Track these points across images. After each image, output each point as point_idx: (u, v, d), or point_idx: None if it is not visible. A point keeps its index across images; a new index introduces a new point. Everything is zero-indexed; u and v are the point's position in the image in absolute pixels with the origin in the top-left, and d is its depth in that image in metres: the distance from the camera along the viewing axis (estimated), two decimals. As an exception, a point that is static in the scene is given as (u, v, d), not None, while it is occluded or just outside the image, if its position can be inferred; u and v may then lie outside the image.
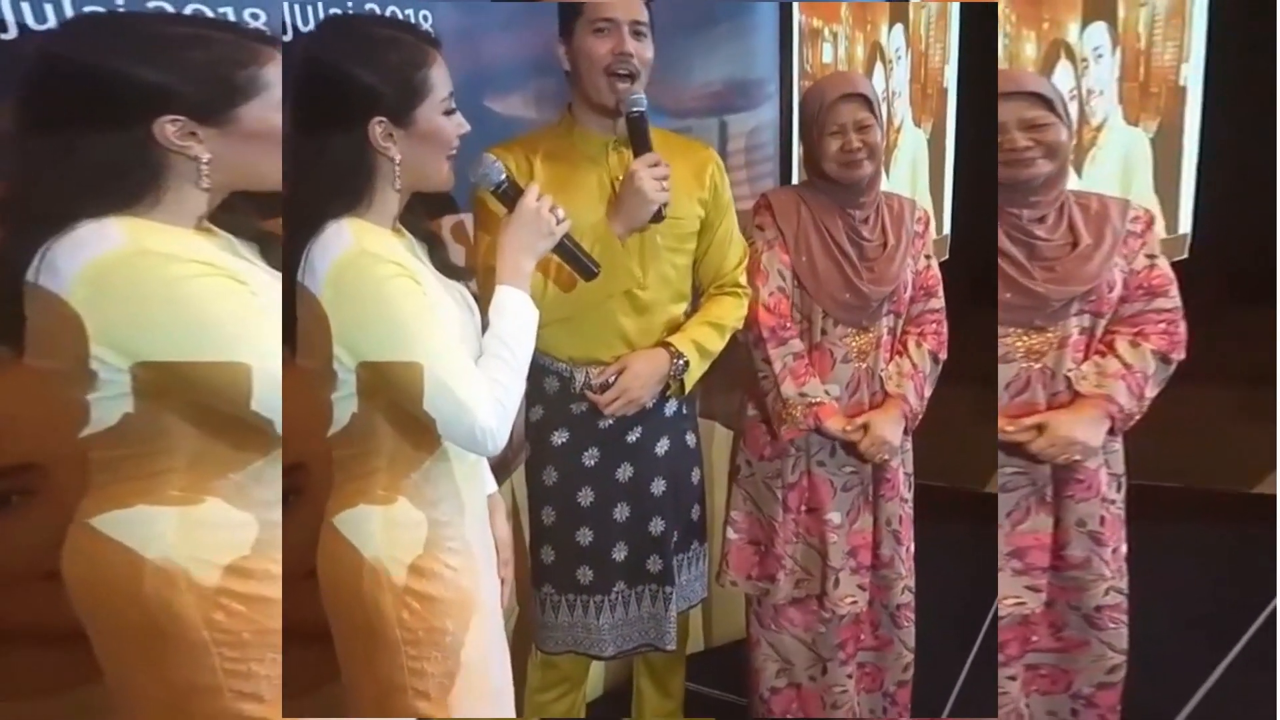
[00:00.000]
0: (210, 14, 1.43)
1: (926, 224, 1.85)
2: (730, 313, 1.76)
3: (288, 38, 1.51)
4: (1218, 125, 3.51)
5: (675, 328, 1.73)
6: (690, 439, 1.84)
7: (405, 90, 1.17)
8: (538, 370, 1.68)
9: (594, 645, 1.77)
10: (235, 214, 1.14)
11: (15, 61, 1.24)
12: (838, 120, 1.68)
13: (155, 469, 1.06)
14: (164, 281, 0.99)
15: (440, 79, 1.21)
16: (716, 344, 1.74)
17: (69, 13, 1.30)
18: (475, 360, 1.22)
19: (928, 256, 1.86)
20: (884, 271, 1.76)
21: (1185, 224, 3.68)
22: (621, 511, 1.75)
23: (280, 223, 1.17)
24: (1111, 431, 1.67)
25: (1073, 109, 3.38)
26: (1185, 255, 3.67)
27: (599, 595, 1.75)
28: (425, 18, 1.73)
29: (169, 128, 1.02)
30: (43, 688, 1.12)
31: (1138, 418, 1.67)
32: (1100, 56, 3.37)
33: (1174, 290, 1.69)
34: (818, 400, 1.74)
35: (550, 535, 1.74)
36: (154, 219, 1.04)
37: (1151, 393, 1.67)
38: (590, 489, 1.72)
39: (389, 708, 1.20)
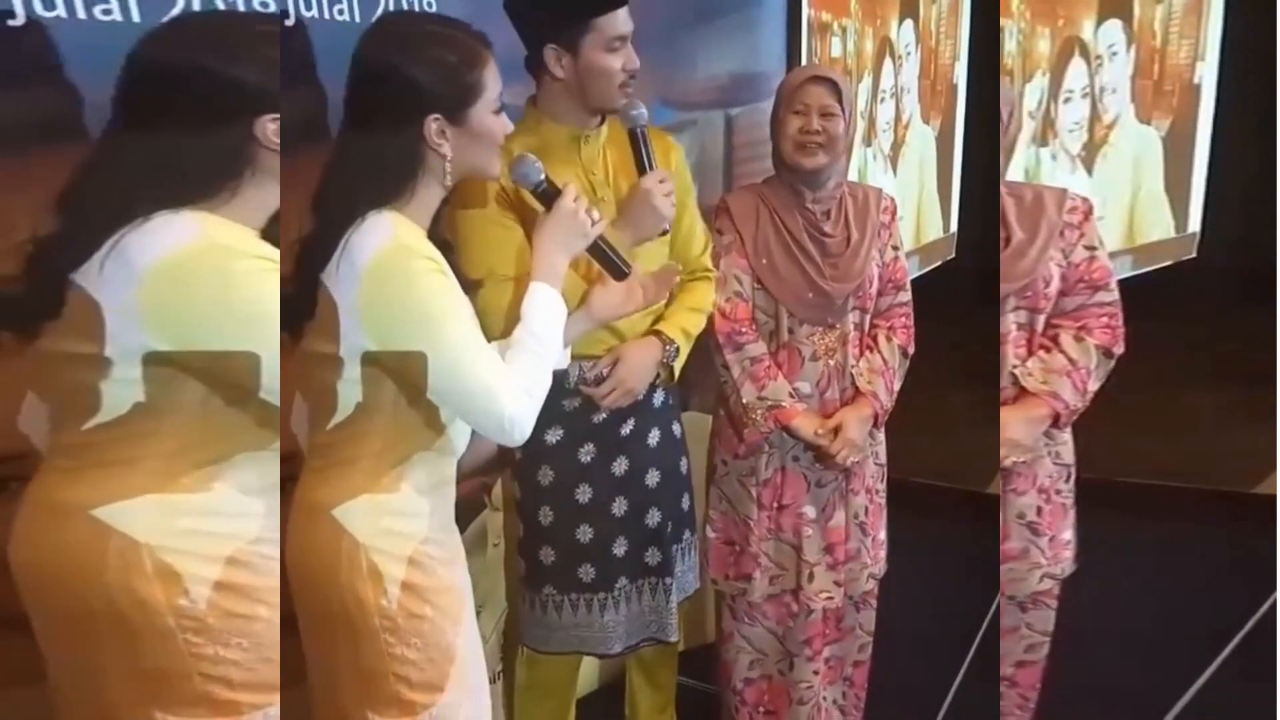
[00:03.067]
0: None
1: (893, 214, 1.84)
2: (707, 298, 1.79)
3: (290, 21, 1.50)
4: (1230, 124, 3.48)
5: (657, 315, 1.75)
6: (676, 429, 1.85)
7: (461, 89, 1.20)
8: None
9: (600, 644, 1.77)
10: None
11: (23, 48, 1.25)
12: (804, 100, 1.69)
13: (129, 456, 1.08)
14: (232, 275, 1.04)
15: (492, 79, 1.24)
16: (698, 329, 1.77)
17: (79, 2, 1.30)
18: None
19: (895, 248, 1.84)
20: (847, 268, 1.76)
21: (1194, 223, 3.66)
22: (620, 506, 1.74)
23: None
24: (1056, 426, 1.67)
25: (1085, 107, 3.37)
26: (1194, 254, 3.65)
27: (602, 593, 1.75)
28: (430, 5, 1.72)
29: (269, 126, 1.07)
30: (34, 676, 1.13)
31: (1080, 411, 1.68)
32: (1115, 54, 3.35)
33: (1114, 283, 1.69)
34: (778, 403, 1.74)
35: (549, 535, 1.73)
36: (224, 214, 1.08)
37: (1093, 387, 1.67)
38: (588, 485, 1.72)
39: (370, 694, 1.20)
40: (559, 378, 1.66)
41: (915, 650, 2.00)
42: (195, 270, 1.03)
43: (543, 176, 1.39)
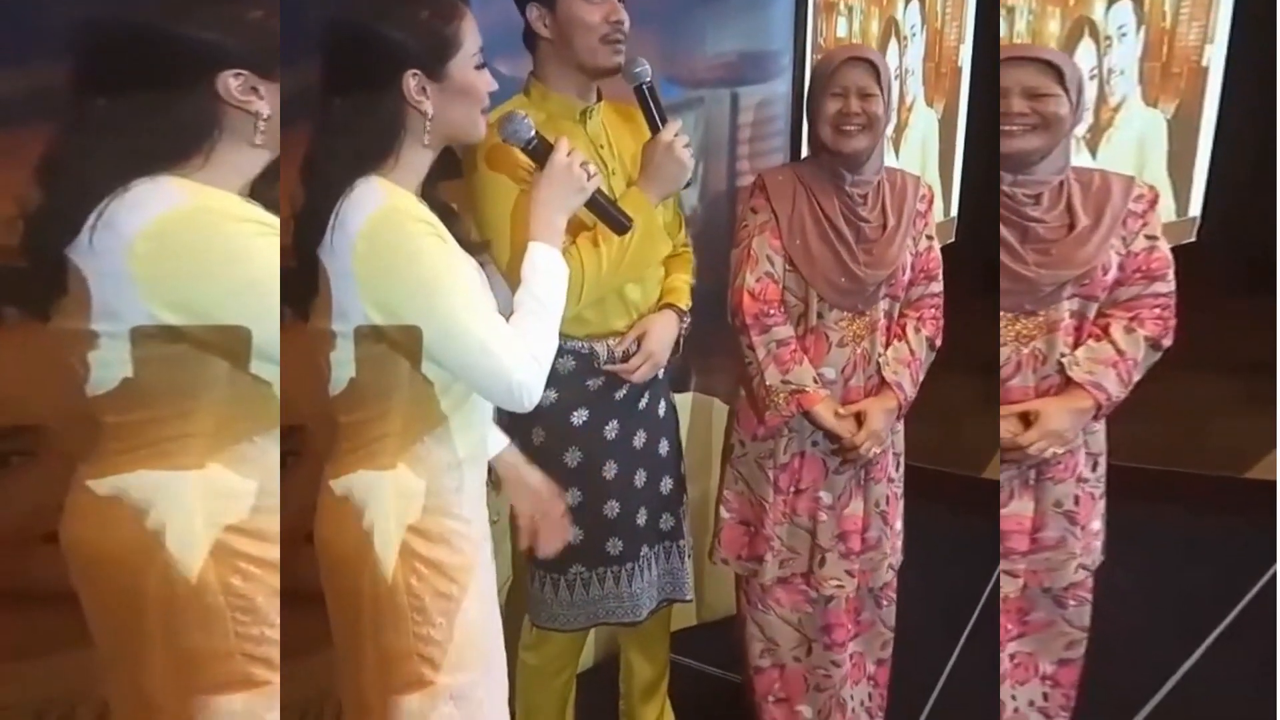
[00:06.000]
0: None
1: (930, 202, 1.82)
2: (690, 270, 1.82)
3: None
4: (1236, 108, 3.46)
5: (660, 288, 1.77)
6: (670, 399, 1.90)
7: (438, 43, 1.18)
8: None
9: (628, 612, 1.80)
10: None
11: (45, 19, 1.25)
12: (842, 82, 1.67)
13: (175, 433, 1.08)
14: (226, 238, 1.02)
15: (471, 33, 1.21)
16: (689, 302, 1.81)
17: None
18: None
19: (929, 237, 1.83)
20: (882, 254, 1.74)
21: (1196, 207, 3.65)
22: (640, 477, 1.78)
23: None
24: (1095, 417, 1.66)
25: (1092, 88, 3.34)
26: (1193, 239, 3.65)
27: (629, 563, 1.78)
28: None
29: (232, 82, 1.04)
30: (37, 649, 1.13)
31: (1119, 402, 1.67)
32: (1124, 35, 3.32)
33: (1170, 274, 1.66)
34: (802, 387, 1.74)
35: (576, 516, 1.73)
36: (202, 179, 1.05)
37: (1137, 377, 1.66)
38: (614, 461, 1.74)
39: (392, 674, 1.21)
40: (587, 359, 1.67)
41: (908, 634, 2.02)
42: (185, 234, 1.01)
43: (533, 133, 1.37)
